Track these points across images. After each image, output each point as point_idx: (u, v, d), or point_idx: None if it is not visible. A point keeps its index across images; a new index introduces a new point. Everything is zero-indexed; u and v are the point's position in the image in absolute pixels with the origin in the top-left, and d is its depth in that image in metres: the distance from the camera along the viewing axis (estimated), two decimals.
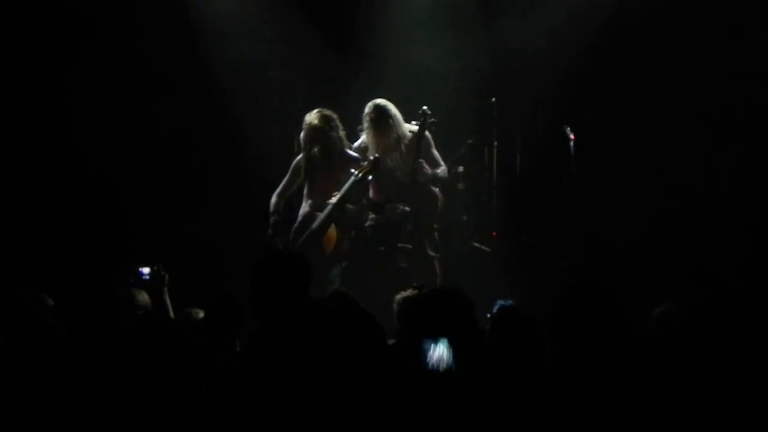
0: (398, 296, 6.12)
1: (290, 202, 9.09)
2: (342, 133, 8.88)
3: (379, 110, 8.83)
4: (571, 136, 8.93)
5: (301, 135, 8.91)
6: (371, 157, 8.72)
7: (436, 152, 8.97)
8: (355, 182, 8.63)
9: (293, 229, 8.90)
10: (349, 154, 8.86)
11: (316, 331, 3.81)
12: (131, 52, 9.88)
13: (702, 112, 9.42)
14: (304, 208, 8.92)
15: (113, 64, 9.87)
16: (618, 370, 3.99)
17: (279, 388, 3.90)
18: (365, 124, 8.90)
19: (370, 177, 8.72)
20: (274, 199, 9.01)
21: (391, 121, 8.82)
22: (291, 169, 9.03)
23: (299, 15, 10.08)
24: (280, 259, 5.04)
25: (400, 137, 8.87)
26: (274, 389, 3.91)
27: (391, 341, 4.21)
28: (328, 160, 8.83)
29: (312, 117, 8.83)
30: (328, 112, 8.85)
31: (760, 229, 9.13)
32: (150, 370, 4.12)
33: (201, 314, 5.84)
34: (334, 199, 8.67)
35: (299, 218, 8.92)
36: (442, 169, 8.94)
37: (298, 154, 9.03)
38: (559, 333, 4.13)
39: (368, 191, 8.94)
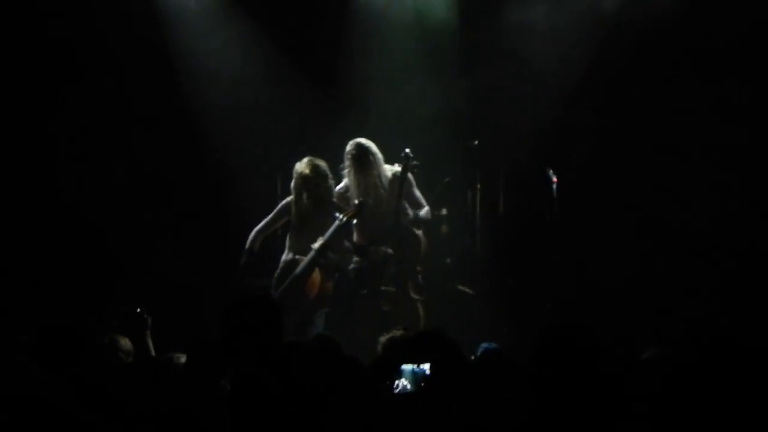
0: (383, 338, 6.09)
1: (267, 242, 9.05)
2: (331, 182, 8.87)
3: (361, 148, 8.84)
4: (554, 179, 8.95)
5: (292, 184, 8.90)
6: (356, 202, 8.72)
7: (418, 193, 8.97)
8: (339, 227, 8.62)
9: (275, 274, 8.86)
10: (334, 202, 8.85)
11: (293, 373, 3.84)
12: (114, 93, 9.89)
13: (680, 148, 9.47)
14: (287, 255, 8.89)
15: (95, 106, 9.86)
16: (599, 415, 3.99)
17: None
18: (347, 163, 8.91)
19: (355, 221, 8.71)
20: (252, 235, 8.95)
21: (372, 158, 8.83)
22: (278, 209, 8.99)
23: (283, 58, 10.11)
24: (245, 303, 5.03)
25: (381, 177, 8.87)
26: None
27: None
28: (316, 209, 8.81)
29: (303, 166, 8.81)
30: (318, 161, 8.83)
31: (743, 260, 9.15)
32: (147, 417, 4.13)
33: (183, 359, 5.80)
34: (317, 244, 8.65)
35: (281, 264, 8.87)
36: (425, 210, 8.94)
37: (282, 197, 9.01)
38: (538, 374, 4.13)
39: (351, 234, 8.92)
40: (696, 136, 9.43)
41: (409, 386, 4.16)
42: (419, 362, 4.13)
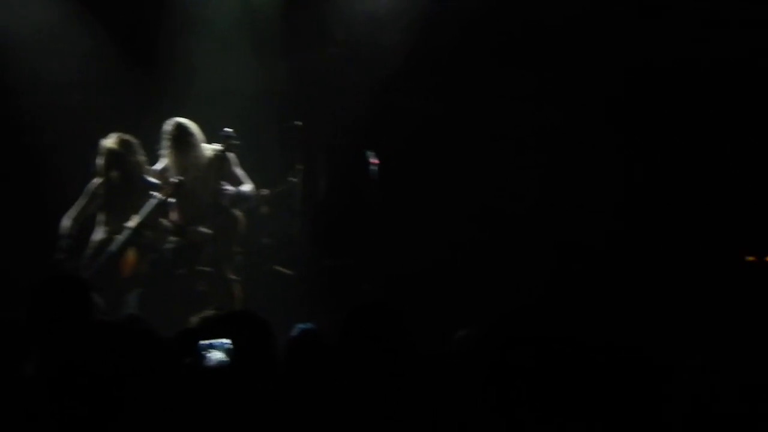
0: (195, 318, 6.04)
1: (83, 227, 8.84)
2: (142, 158, 8.73)
3: (180, 128, 8.73)
4: (373, 161, 9.02)
5: (99, 160, 8.71)
6: (173, 180, 8.60)
7: (240, 171, 8.91)
8: (156, 205, 8.50)
9: (88, 254, 8.66)
10: (148, 180, 8.71)
11: (101, 352, 3.79)
12: None
13: (501, 134, 9.65)
14: (99, 234, 8.70)
15: None
16: (404, 390, 4.04)
17: (67, 412, 3.87)
18: (165, 143, 8.78)
19: (172, 200, 8.60)
20: (66, 222, 8.74)
21: (191, 139, 8.74)
22: (86, 193, 8.79)
23: (99, 34, 9.86)
24: (57, 282, 4.92)
25: (201, 157, 8.78)
26: (63, 413, 3.87)
27: None
28: (127, 185, 8.66)
29: (110, 141, 8.65)
30: (127, 137, 8.69)
31: (562, 251, 9.38)
32: None
33: None
34: (132, 223, 8.50)
35: (92, 243, 8.68)
36: (247, 188, 8.88)
37: (95, 177, 8.82)
38: (347, 355, 4.17)
39: (169, 214, 8.79)
40: (516, 122, 9.62)
41: (222, 357, 4.16)
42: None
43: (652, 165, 9.55)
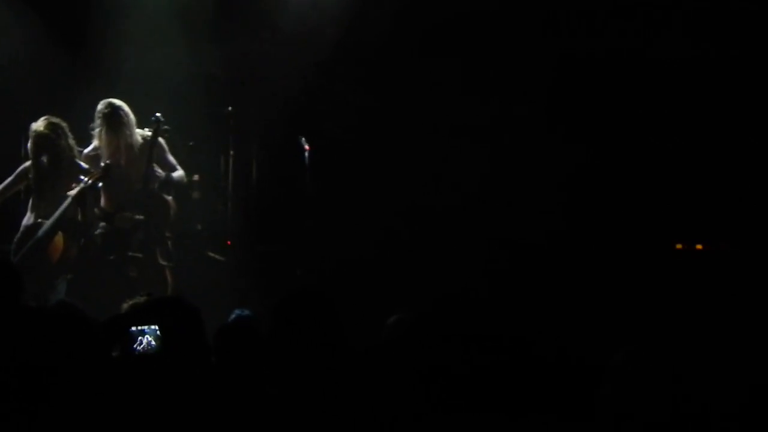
0: (126, 304, 5.99)
1: (4, 207, 8.73)
2: (72, 142, 8.63)
3: (113, 107, 8.64)
4: (306, 147, 9.02)
5: (28, 144, 8.60)
6: (102, 164, 8.52)
7: (171, 158, 8.84)
8: (83, 189, 8.41)
9: (15, 239, 8.55)
10: (79, 164, 8.62)
11: (31, 338, 3.78)
12: None
13: (434, 126, 9.68)
14: (29, 219, 8.59)
15: None
16: (333, 378, 4.06)
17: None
18: (97, 122, 8.68)
19: (101, 184, 8.52)
20: None
21: (124, 119, 8.65)
22: (16, 173, 8.69)
23: (29, 15, 9.72)
24: None
25: (132, 139, 8.70)
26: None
27: None
28: (56, 169, 8.55)
29: (39, 125, 8.54)
30: (56, 120, 8.58)
31: (493, 239, 9.44)
32: None
33: None
34: (59, 209, 8.41)
35: (22, 228, 8.57)
36: (177, 174, 8.82)
37: (25, 160, 8.71)
38: (277, 342, 4.17)
39: (99, 199, 8.71)
40: (449, 112, 9.66)
41: (154, 343, 4.14)
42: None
43: (585, 155, 9.62)
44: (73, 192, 8.41)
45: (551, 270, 9.25)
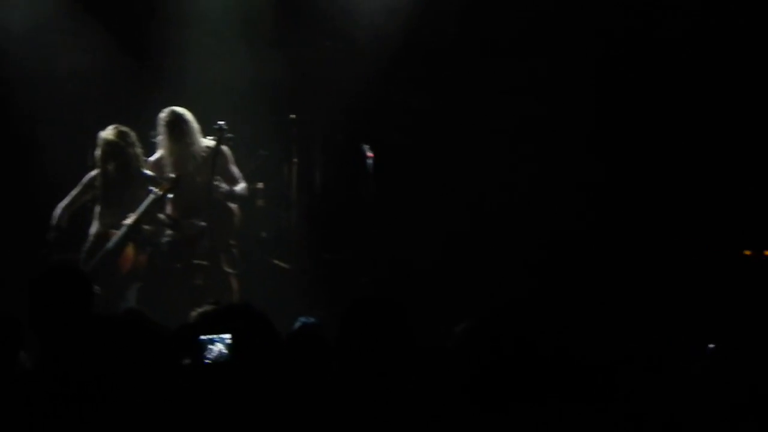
0: (194, 312, 6.00)
1: (75, 217, 8.81)
2: (139, 151, 8.70)
3: (176, 115, 8.70)
4: (369, 154, 9.01)
5: (96, 152, 8.68)
6: (171, 176, 8.57)
7: (234, 168, 8.88)
8: (154, 201, 8.47)
9: (84, 249, 8.61)
10: (145, 173, 8.68)
11: (102, 346, 3.80)
12: None
13: (497, 129, 9.63)
14: (97, 227, 8.66)
15: None
16: (405, 385, 4.04)
17: (67, 407, 3.87)
18: (161, 130, 8.75)
19: (170, 195, 8.58)
20: (58, 211, 8.70)
21: (186, 127, 8.70)
22: (82, 183, 8.76)
23: (95, 27, 9.83)
24: (58, 275, 4.89)
25: (196, 147, 8.75)
26: (63, 408, 3.86)
27: None
28: (124, 177, 8.62)
29: (107, 133, 8.61)
30: (124, 128, 8.65)
31: (556, 242, 9.37)
32: None
33: None
34: (130, 219, 8.47)
35: (91, 238, 8.64)
36: (240, 186, 8.85)
37: (92, 169, 8.78)
38: (346, 349, 4.16)
39: (165, 207, 8.76)
40: (513, 114, 9.60)
41: (225, 352, 4.14)
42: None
43: (653, 158, 9.53)
44: (143, 206, 8.46)
45: (619, 275, 9.16)
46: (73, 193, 8.76)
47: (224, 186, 8.72)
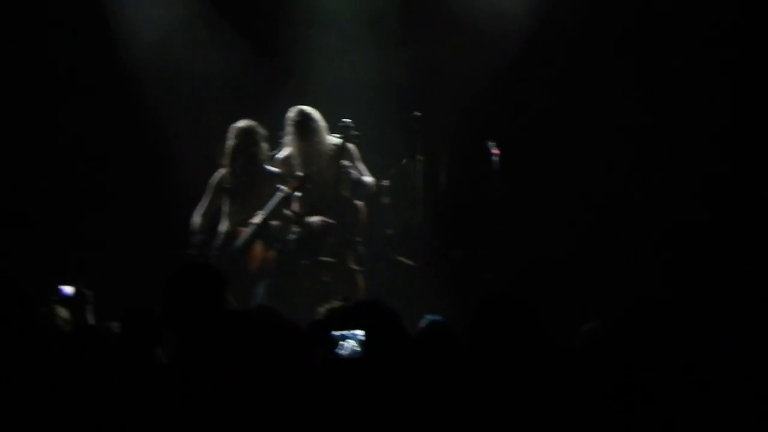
0: (322, 308, 6.07)
1: (212, 222, 8.97)
2: (266, 146, 8.83)
3: (303, 114, 8.80)
4: (494, 151, 8.98)
5: (228, 142, 8.82)
6: (299, 174, 8.67)
7: (361, 165, 8.96)
8: (282, 199, 8.58)
9: (215, 246, 8.79)
10: (271, 170, 8.79)
11: (237, 342, 3.85)
12: (50, 61, 9.73)
13: (621, 126, 9.53)
14: (226, 225, 8.82)
15: (31, 75, 9.70)
16: (536, 383, 4.02)
17: (201, 399, 3.94)
18: (288, 129, 8.85)
19: (298, 193, 8.67)
20: (196, 219, 8.89)
21: (314, 125, 8.79)
22: (210, 188, 8.94)
23: (223, 28, 9.99)
24: (192, 272, 4.99)
25: (323, 145, 8.83)
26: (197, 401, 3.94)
27: None
28: (251, 173, 8.75)
29: (239, 125, 8.76)
30: (253, 124, 8.79)
31: (682, 239, 9.23)
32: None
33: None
34: (258, 218, 8.60)
35: (221, 235, 8.82)
36: (369, 180, 8.91)
37: (219, 165, 8.92)
38: (475, 347, 4.15)
39: (291, 203, 8.86)
40: (639, 111, 9.49)
41: (358, 348, 4.16)
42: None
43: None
44: (271, 204, 8.57)
45: (746, 275, 8.97)
46: (205, 200, 8.93)
47: (354, 172, 8.78)
